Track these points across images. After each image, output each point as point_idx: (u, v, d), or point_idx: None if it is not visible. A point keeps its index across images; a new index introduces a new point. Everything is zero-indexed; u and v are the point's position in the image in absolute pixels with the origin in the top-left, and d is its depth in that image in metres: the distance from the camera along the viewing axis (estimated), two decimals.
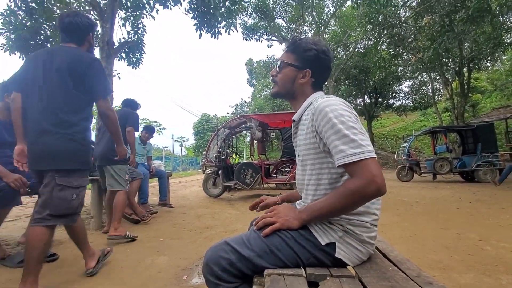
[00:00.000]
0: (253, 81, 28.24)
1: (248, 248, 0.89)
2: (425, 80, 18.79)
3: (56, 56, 1.70)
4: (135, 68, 6.81)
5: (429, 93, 18.94)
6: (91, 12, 5.95)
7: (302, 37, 1.08)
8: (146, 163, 4.59)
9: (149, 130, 4.72)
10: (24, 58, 5.35)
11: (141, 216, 3.64)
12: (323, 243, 0.88)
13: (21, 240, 2.32)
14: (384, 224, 3.34)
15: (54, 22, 5.44)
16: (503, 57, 19.28)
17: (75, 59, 1.70)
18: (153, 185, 7.55)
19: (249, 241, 0.91)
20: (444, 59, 12.63)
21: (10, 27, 5.03)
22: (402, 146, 10.29)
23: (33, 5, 5.03)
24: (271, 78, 1.12)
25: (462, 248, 2.47)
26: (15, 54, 5.25)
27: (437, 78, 17.41)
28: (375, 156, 0.81)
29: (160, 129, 31.31)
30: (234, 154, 8.61)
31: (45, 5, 5.14)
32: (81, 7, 5.84)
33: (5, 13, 4.94)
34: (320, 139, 0.90)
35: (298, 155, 1.03)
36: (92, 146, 2.92)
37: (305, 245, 0.89)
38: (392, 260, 0.95)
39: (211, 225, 3.60)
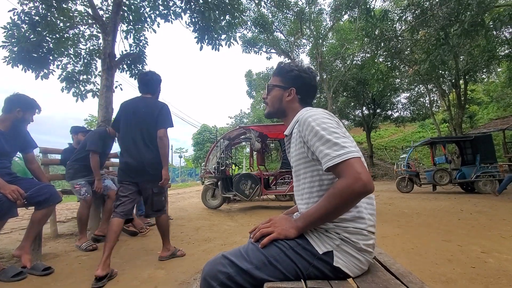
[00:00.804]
0: (252, 92, 28.52)
1: (246, 260, 0.88)
2: (422, 91, 19.03)
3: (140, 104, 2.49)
4: (136, 79, 6.88)
5: (426, 105, 19.14)
6: (94, 25, 6.08)
7: (287, 62, 1.22)
8: None
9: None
10: (27, 71, 5.42)
11: (139, 228, 3.58)
12: (320, 252, 0.88)
13: (16, 253, 2.27)
14: (385, 236, 3.30)
15: (57, 35, 5.53)
16: (498, 69, 19.61)
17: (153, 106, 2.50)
18: None
19: (247, 253, 0.90)
20: (440, 71, 12.84)
21: (13, 40, 5.11)
22: (401, 157, 10.31)
23: (37, 18, 5.14)
24: (263, 100, 1.23)
25: (464, 260, 2.44)
26: (17, 66, 5.32)
27: (434, 89, 17.63)
28: (359, 155, 0.84)
29: None
30: (233, 165, 8.59)
31: (49, 18, 5.24)
32: (84, 21, 5.96)
33: (8, 26, 5.03)
34: (308, 148, 0.95)
35: (292, 167, 1.09)
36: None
37: (303, 255, 0.89)
38: (394, 273, 0.94)
39: (210, 237, 3.54)
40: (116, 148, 3.82)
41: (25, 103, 2.35)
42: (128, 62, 6.54)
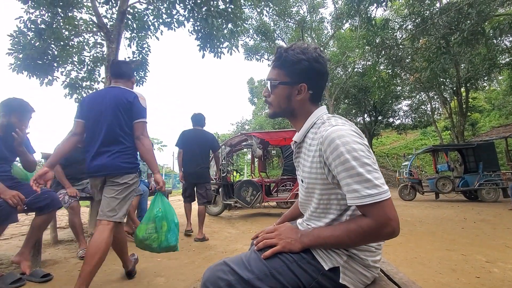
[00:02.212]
0: (254, 99, 28.70)
1: (248, 270, 0.86)
2: (423, 99, 19.07)
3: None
4: (139, 86, 6.95)
5: (428, 112, 19.15)
6: (98, 33, 6.17)
7: (288, 47, 0.95)
8: (146, 180, 4.55)
9: None
10: (31, 77, 5.48)
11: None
12: (326, 268, 0.85)
13: (15, 260, 2.25)
14: (388, 245, 3.26)
15: (62, 43, 5.62)
16: (499, 77, 19.67)
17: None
18: None
19: (249, 262, 0.88)
20: (441, 79, 12.88)
21: (19, 47, 5.19)
22: (403, 164, 10.26)
23: (42, 26, 5.23)
24: (264, 99, 1.03)
25: (468, 270, 2.40)
26: (22, 73, 5.39)
27: (435, 97, 17.67)
28: (390, 196, 0.76)
29: (161, 146, 31.40)
30: (234, 172, 8.57)
31: (54, 26, 5.33)
32: (89, 29, 6.06)
33: (14, 34, 5.12)
34: (329, 171, 0.83)
35: (302, 180, 0.96)
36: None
37: (307, 269, 0.85)
38: (397, 283, 0.92)
39: (210, 244, 3.51)
40: None
41: (19, 107, 2.33)
42: None
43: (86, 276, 1.67)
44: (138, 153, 2.06)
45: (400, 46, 11.04)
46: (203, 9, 5.34)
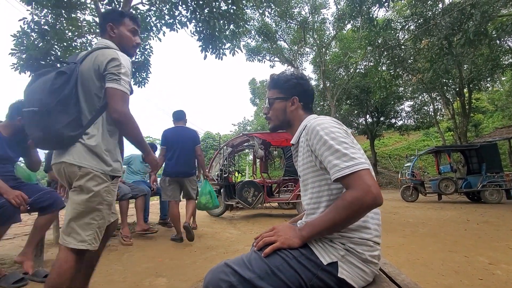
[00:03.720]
0: (256, 100, 28.67)
1: (249, 269, 0.86)
2: (426, 100, 18.97)
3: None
4: (141, 87, 6.97)
5: (430, 113, 19.04)
6: None
7: (278, 74, 1.19)
8: (148, 181, 4.57)
9: (151, 147, 4.70)
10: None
11: (145, 229, 3.66)
12: (325, 263, 0.87)
13: (18, 259, 2.26)
14: (390, 246, 3.24)
15: (65, 44, 5.65)
16: (502, 78, 19.55)
17: None
18: (154, 203, 7.49)
19: (250, 262, 0.89)
20: (444, 80, 12.82)
21: (22, 48, 5.23)
22: (405, 165, 10.21)
23: (46, 27, 5.26)
24: (265, 116, 1.21)
25: (471, 272, 2.38)
26: (25, 73, 5.42)
27: (438, 98, 17.58)
28: (369, 167, 0.83)
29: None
30: (236, 173, 8.57)
31: (57, 27, 5.37)
32: (92, 30, 6.09)
33: (17, 34, 5.16)
34: (316, 157, 0.93)
35: (299, 176, 1.07)
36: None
37: (307, 265, 0.87)
38: (399, 284, 0.92)
39: (212, 245, 3.51)
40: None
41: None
42: (133, 69, 6.64)
43: None
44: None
45: (402, 46, 11.02)
46: (205, 10, 5.35)
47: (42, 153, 2.86)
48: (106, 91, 1.32)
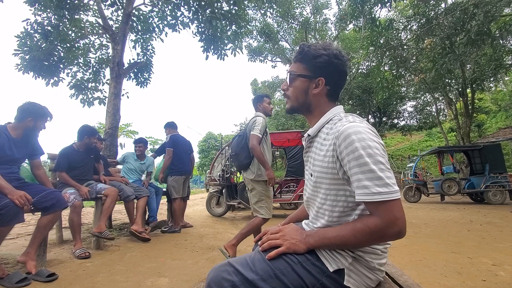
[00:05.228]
0: None
1: (252, 270, 0.85)
2: (428, 100, 18.87)
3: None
4: (143, 88, 7.00)
5: (433, 113, 18.94)
6: (104, 35, 6.23)
7: (310, 43, 0.99)
8: (152, 182, 4.56)
9: (142, 141, 4.50)
10: (37, 78, 5.55)
11: (139, 232, 3.61)
12: (331, 270, 0.84)
13: (21, 259, 2.28)
14: (393, 247, 3.22)
15: (68, 45, 5.69)
16: (506, 78, 19.43)
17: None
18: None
19: (253, 263, 0.88)
20: (446, 80, 12.75)
21: (25, 49, 5.26)
22: (408, 166, 10.17)
23: (49, 28, 5.30)
24: (283, 92, 1.04)
25: (474, 273, 2.37)
26: (28, 73, 5.46)
27: (440, 98, 17.48)
28: (400, 196, 0.77)
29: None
30: (238, 173, 8.57)
31: (60, 29, 5.40)
32: (95, 31, 6.12)
33: (21, 35, 5.20)
34: (341, 166, 0.83)
35: (311, 174, 0.95)
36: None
37: (311, 271, 0.85)
38: (402, 286, 0.92)
39: (214, 245, 3.51)
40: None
41: (36, 112, 2.39)
42: (135, 70, 6.67)
43: None
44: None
45: (405, 46, 10.98)
46: (207, 11, 5.37)
47: (45, 155, 2.87)
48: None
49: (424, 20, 8.65)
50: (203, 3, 5.42)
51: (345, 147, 0.79)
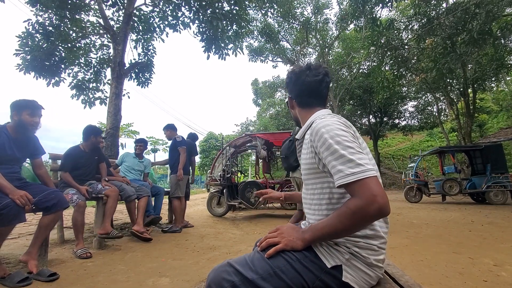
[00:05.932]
0: (258, 100, 28.66)
1: (252, 270, 0.86)
2: (429, 100, 18.83)
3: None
4: (144, 88, 7.01)
5: (434, 113, 18.90)
6: (105, 35, 6.24)
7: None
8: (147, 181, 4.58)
9: (142, 141, 4.66)
10: (38, 78, 5.57)
11: (141, 232, 3.62)
12: (329, 266, 0.86)
13: (22, 259, 2.28)
14: (394, 247, 3.22)
15: (69, 45, 5.70)
16: (507, 78, 19.36)
17: None
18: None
19: (253, 262, 0.88)
20: (448, 80, 12.72)
21: (27, 49, 5.28)
22: (409, 166, 10.15)
23: (50, 28, 5.31)
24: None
25: (476, 273, 2.36)
26: (29, 73, 5.48)
27: (441, 98, 17.44)
28: (376, 174, 0.78)
29: (166, 147, 31.57)
30: (239, 173, 8.57)
31: (62, 29, 5.41)
32: (96, 31, 6.13)
33: (22, 35, 5.21)
34: (319, 160, 0.90)
35: (302, 173, 1.06)
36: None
37: (310, 268, 0.86)
38: (403, 286, 0.91)
39: (215, 245, 3.52)
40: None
41: (25, 105, 2.34)
42: (136, 70, 6.68)
43: None
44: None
45: (406, 46, 10.96)
46: (208, 11, 5.37)
47: (46, 155, 2.88)
48: None
49: (425, 19, 8.63)
50: (204, 3, 5.42)
51: (318, 140, 0.88)
